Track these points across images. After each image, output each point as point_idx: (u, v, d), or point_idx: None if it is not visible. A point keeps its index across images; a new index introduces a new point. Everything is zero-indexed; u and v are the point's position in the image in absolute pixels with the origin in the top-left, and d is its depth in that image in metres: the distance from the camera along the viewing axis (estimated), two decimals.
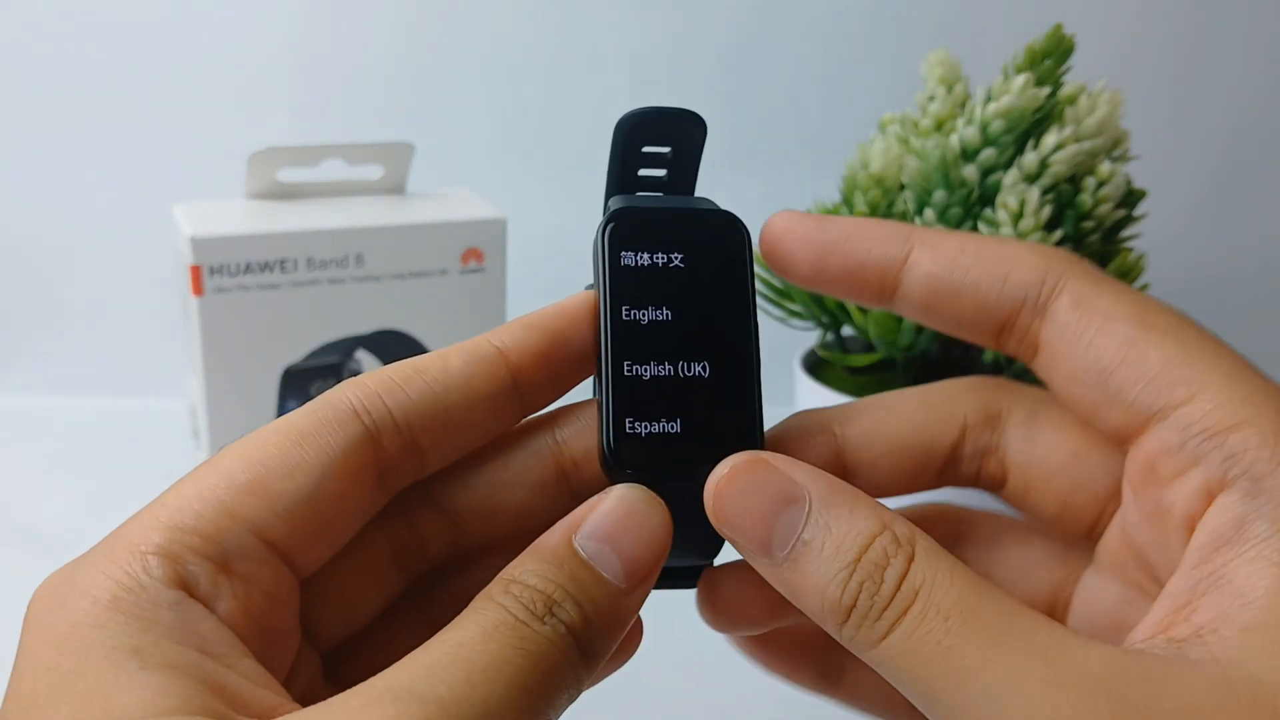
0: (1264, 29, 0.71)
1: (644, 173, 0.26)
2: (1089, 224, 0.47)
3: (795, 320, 0.56)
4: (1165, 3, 0.70)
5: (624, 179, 0.26)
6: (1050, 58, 0.48)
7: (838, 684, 0.29)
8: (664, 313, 0.24)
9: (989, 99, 0.48)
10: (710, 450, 0.23)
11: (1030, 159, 0.47)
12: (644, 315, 0.24)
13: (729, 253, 0.24)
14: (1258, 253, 0.75)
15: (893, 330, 0.50)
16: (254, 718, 0.19)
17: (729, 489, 0.22)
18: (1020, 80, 0.47)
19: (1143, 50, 0.71)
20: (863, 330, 0.51)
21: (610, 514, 0.22)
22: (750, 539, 0.22)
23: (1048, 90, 0.48)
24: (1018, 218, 0.45)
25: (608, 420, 0.23)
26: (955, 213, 0.47)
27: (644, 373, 0.24)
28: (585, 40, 0.71)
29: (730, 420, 0.24)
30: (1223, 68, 0.71)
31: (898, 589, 0.20)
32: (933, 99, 0.51)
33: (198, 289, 0.49)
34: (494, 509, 0.25)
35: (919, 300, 0.24)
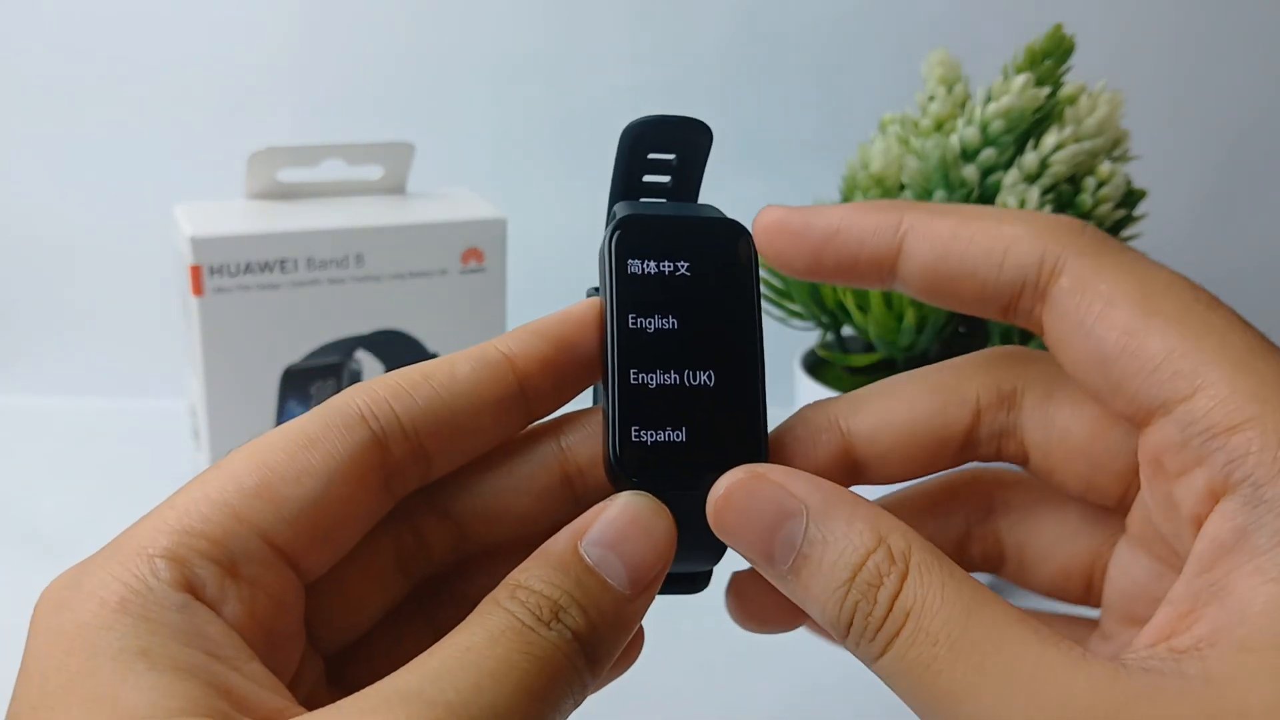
0: (1264, 29, 0.71)
1: (648, 179, 0.26)
2: None
3: (795, 320, 0.56)
4: (1165, 3, 0.70)
5: (628, 185, 0.26)
6: (1050, 58, 0.48)
7: None
8: (670, 321, 0.24)
9: (989, 99, 0.48)
10: (715, 459, 0.23)
11: (1030, 159, 0.47)
12: (650, 323, 0.24)
13: (735, 261, 0.24)
14: (1258, 253, 0.75)
15: (893, 330, 0.50)
16: None
17: (727, 506, 0.22)
18: (1020, 80, 0.47)
19: (1143, 50, 0.71)
20: (863, 330, 0.51)
21: (615, 521, 0.22)
22: (753, 553, 0.22)
23: (1048, 90, 0.48)
24: None
25: (613, 428, 0.23)
26: None
27: (650, 381, 0.24)
28: (585, 40, 0.71)
29: (735, 429, 0.24)
30: (1223, 68, 0.71)
31: (890, 610, 0.20)
32: (933, 99, 0.51)
33: (198, 289, 0.49)
34: (498, 514, 0.25)
35: (918, 288, 0.24)
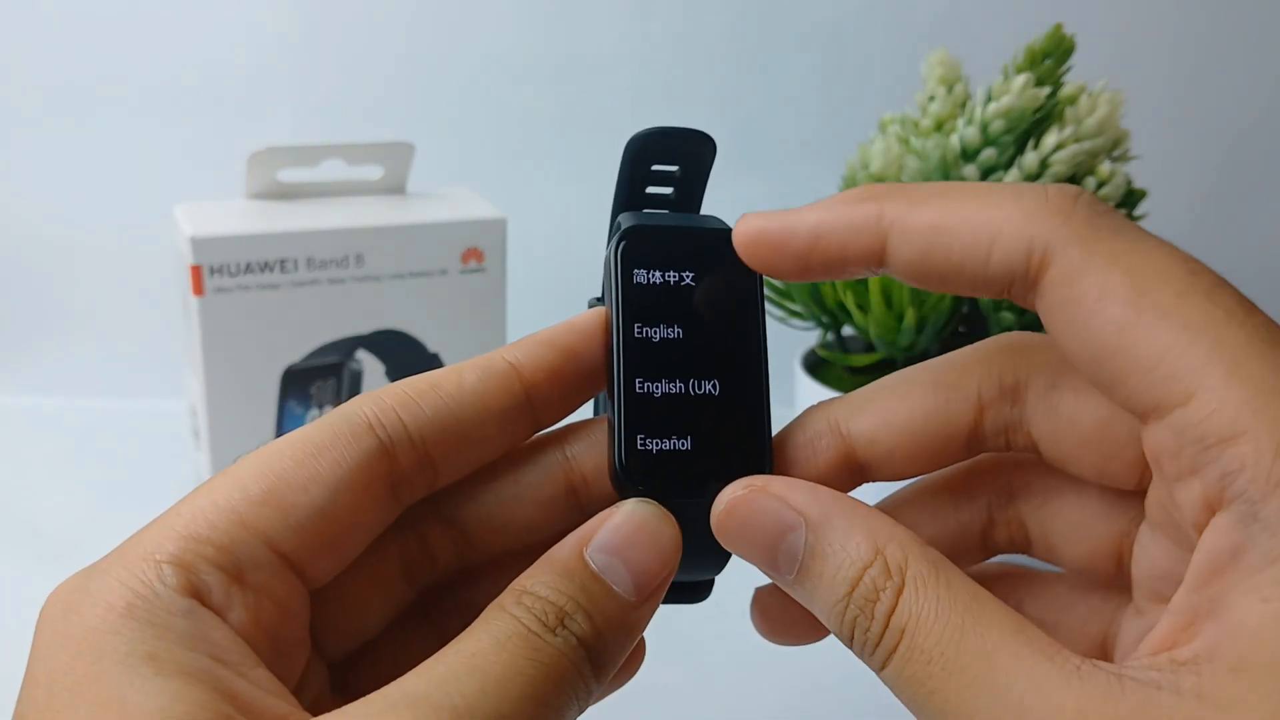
0: (1264, 29, 0.71)
1: (651, 190, 0.26)
2: None
3: (795, 320, 0.56)
4: (1165, 3, 0.70)
5: (632, 197, 0.26)
6: (1050, 58, 0.48)
7: None
8: (675, 331, 0.24)
9: (989, 99, 0.48)
10: (720, 468, 0.24)
11: (1030, 159, 0.47)
12: (656, 333, 0.24)
13: (739, 271, 0.24)
14: (1258, 253, 0.75)
15: (893, 330, 0.50)
16: None
17: (729, 519, 0.23)
18: (1020, 80, 0.47)
19: (1143, 50, 0.71)
20: (863, 330, 0.51)
21: (621, 528, 0.22)
22: (758, 563, 0.22)
23: (1048, 90, 0.48)
24: None
25: (619, 437, 0.23)
26: None
27: (655, 390, 0.24)
28: (586, 40, 0.71)
29: (740, 438, 0.24)
30: (1223, 67, 0.72)
31: (886, 627, 0.20)
32: (933, 99, 0.51)
33: (198, 289, 0.49)
34: (503, 523, 0.25)
35: (908, 280, 0.23)
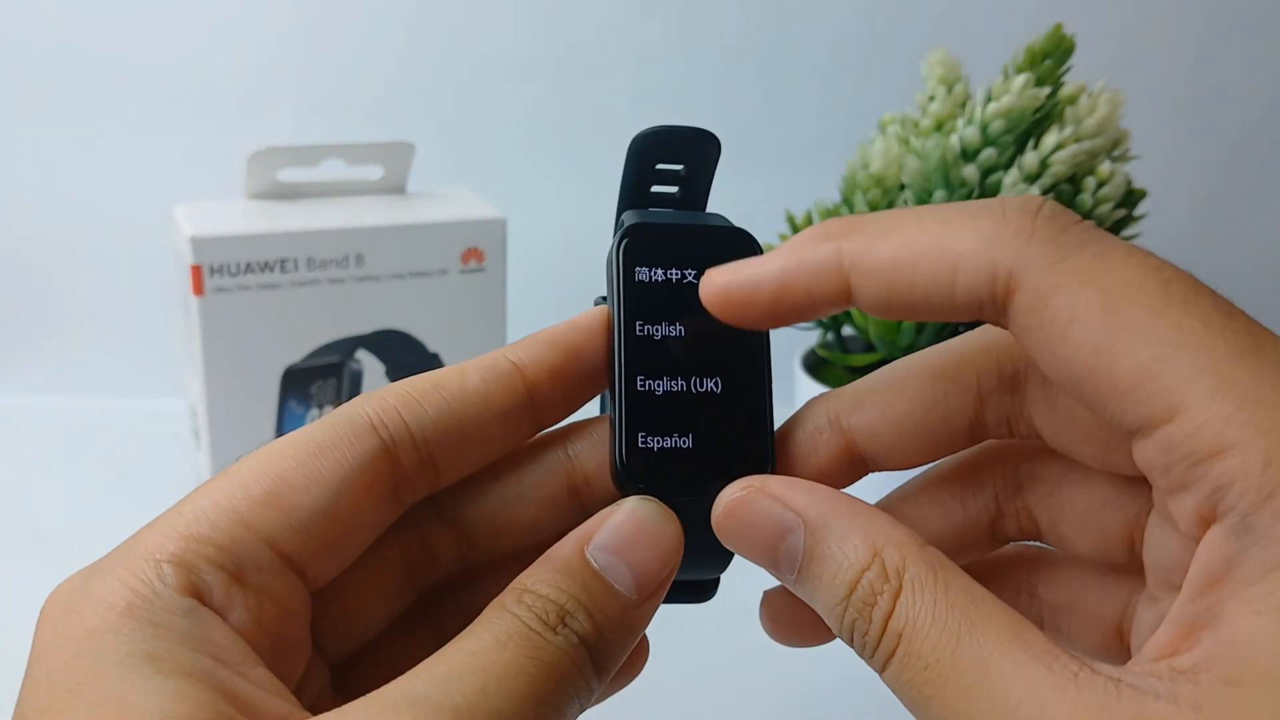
0: (1264, 29, 0.71)
1: (656, 189, 0.26)
2: None
3: None
4: (1165, 3, 0.70)
5: (636, 195, 0.26)
6: (1050, 58, 0.48)
7: None
8: (677, 328, 0.24)
9: (989, 99, 0.48)
10: (722, 466, 0.23)
11: (1030, 159, 0.47)
12: (657, 331, 0.24)
13: None
14: (1258, 253, 0.75)
15: (892, 330, 0.50)
16: None
17: (729, 520, 0.22)
18: (1020, 80, 0.47)
19: (1143, 50, 0.71)
20: (863, 330, 0.51)
21: (622, 526, 0.22)
22: (760, 564, 0.22)
23: (1048, 90, 0.48)
24: None
25: (620, 435, 0.23)
26: None
27: (657, 388, 0.24)
28: (586, 40, 0.71)
29: (742, 436, 0.24)
30: (1223, 67, 0.72)
31: (884, 631, 0.20)
32: (933, 99, 0.51)
33: (198, 289, 0.49)
34: (505, 523, 0.25)
35: (882, 316, 0.23)
